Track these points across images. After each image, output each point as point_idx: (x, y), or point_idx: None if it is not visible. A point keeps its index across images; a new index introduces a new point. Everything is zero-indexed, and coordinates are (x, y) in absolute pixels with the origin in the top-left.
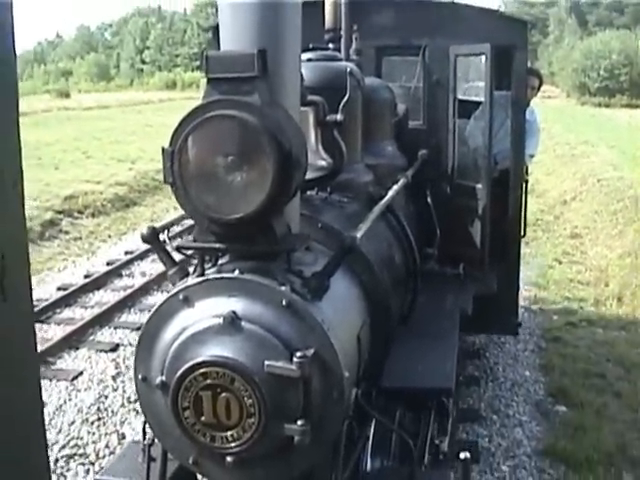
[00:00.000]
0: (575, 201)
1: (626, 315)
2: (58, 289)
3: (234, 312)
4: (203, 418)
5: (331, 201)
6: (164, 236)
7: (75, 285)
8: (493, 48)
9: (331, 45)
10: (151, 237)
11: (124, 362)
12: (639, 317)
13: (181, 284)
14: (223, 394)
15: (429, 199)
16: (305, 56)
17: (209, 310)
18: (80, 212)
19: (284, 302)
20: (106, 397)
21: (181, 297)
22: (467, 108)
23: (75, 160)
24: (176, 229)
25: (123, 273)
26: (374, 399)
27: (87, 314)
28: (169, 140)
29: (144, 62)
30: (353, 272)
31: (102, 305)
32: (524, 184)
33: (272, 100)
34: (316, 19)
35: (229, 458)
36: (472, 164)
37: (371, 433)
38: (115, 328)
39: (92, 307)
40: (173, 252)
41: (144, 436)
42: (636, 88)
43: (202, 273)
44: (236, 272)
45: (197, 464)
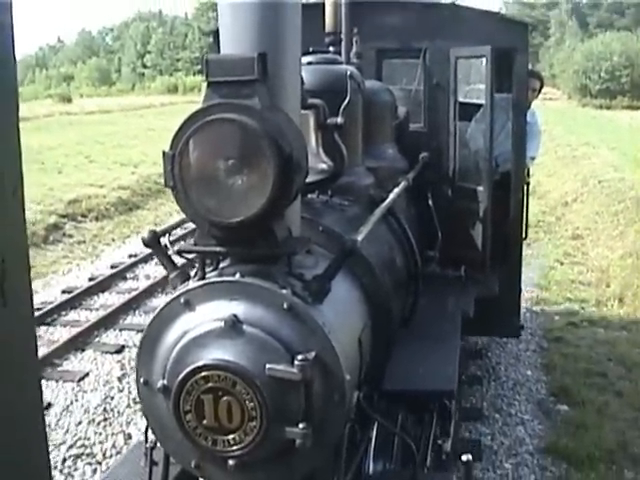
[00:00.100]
0: (576, 202)
1: (627, 315)
2: (63, 292)
3: (235, 315)
4: (205, 422)
5: (332, 204)
6: (165, 240)
7: (80, 288)
8: (494, 50)
9: (331, 48)
10: (152, 241)
11: (129, 363)
12: None
13: (182, 288)
14: (225, 397)
15: (430, 202)
16: (305, 59)
17: (210, 314)
18: (84, 216)
19: (285, 305)
20: (112, 398)
21: (182, 301)
22: (468, 110)
23: (78, 164)
24: (179, 232)
25: (127, 276)
26: (376, 402)
27: (92, 316)
28: (170, 144)
29: (145, 66)
30: (354, 275)
31: (107, 307)
32: (525, 186)
33: (272, 103)
34: (316, 22)
35: (231, 461)
36: (473, 166)
37: (373, 436)
38: (120, 330)
39: (97, 309)
40: (174, 256)
41: (146, 440)
42: (637, 90)
43: (203, 277)
44: (237, 275)
45: (199, 468)
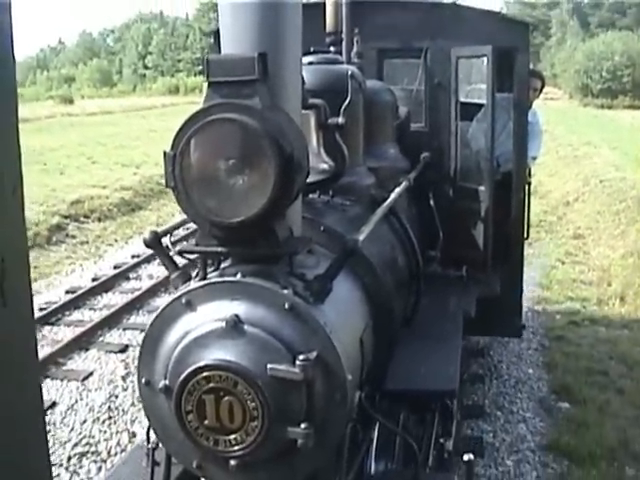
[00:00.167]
0: (578, 202)
1: (629, 314)
2: (67, 292)
3: (236, 316)
4: (206, 422)
5: (333, 204)
6: (167, 240)
7: (83, 288)
8: (495, 50)
9: (332, 48)
10: (153, 241)
11: (133, 362)
12: None
13: (183, 288)
14: (226, 398)
15: (432, 201)
16: (306, 59)
17: (212, 314)
18: (86, 216)
19: (286, 305)
20: (116, 396)
21: (184, 301)
22: (469, 110)
23: (80, 165)
24: (181, 232)
25: (130, 276)
26: (377, 402)
27: (96, 316)
28: (170, 144)
29: (147, 67)
30: (355, 275)
31: (110, 307)
32: (527, 186)
33: (273, 103)
34: (317, 22)
35: (232, 462)
36: (474, 166)
37: (375, 436)
38: (124, 329)
39: (101, 309)
40: (176, 256)
41: (148, 440)
42: (638, 89)
43: (204, 277)
44: (238, 275)
45: (201, 468)
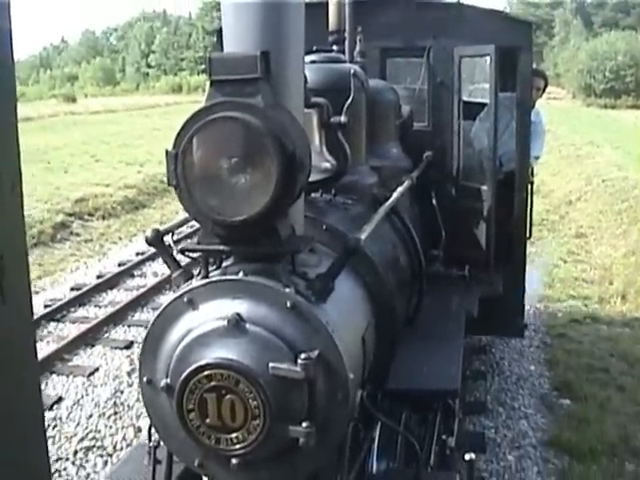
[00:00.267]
0: (580, 201)
1: (630, 312)
2: (72, 289)
3: (238, 314)
4: (208, 420)
5: (335, 203)
6: (169, 239)
7: (88, 285)
8: (498, 49)
9: (335, 47)
10: (155, 240)
11: (138, 358)
12: None
13: (185, 286)
14: (228, 396)
15: (434, 201)
16: (309, 58)
17: (213, 312)
18: (90, 214)
19: (288, 304)
20: (122, 392)
21: (185, 299)
22: (472, 109)
23: (84, 164)
24: (186, 230)
25: (135, 273)
26: (379, 401)
27: (101, 313)
28: (173, 142)
29: (150, 66)
30: (357, 274)
31: (115, 304)
32: (529, 186)
33: (276, 102)
34: (320, 21)
35: (234, 460)
36: (477, 166)
37: (377, 435)
38: (129, 326)
39: (106, 306)
40: (178, 254)
41: (150, 439)
42: None
43: (206, 275)
44: (240, 274)
45: (202, 466)
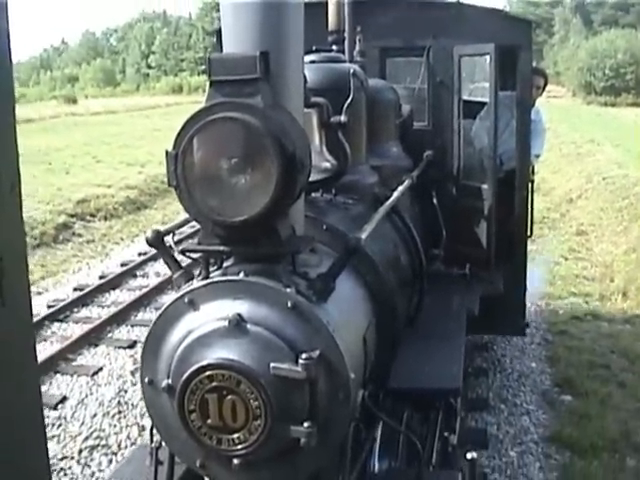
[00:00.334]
0: (581, 199)
1: (630, 309)
2: (74, 290)
3: (239, 315)
4: (209, 421)
5: (336, 203)
6: (170, 239)
7: (91, 285)
8: (498, 48)
9: (334, 47)
10: (156, 240)
11: None
12: None
13: (186, 287)
14: (229, 397)
15: (435, 200)
16: (308, 58)
17: (214, 313)
18: (92, 215)
19: (289, 304)
20: (126, 391)
21: (186, 300)
22: (472, 108)
23: (85, 165)
24: (186, 231)
25: (137, 274)
26: (381, 400)
27: (104, 313)
28: (173, 143)
29: (150, 67)
30: (358, 273)
31: (118, 304)
32: (530, 184)
33: (275, 102)
34: (319, 20)
35: (236, 461)
36: (478, 165)
37: (378, 435)
38: (132, 326)
39: (108, 306)
40: (179, 255)
41: (151, 439)
42: None
43: (207, 276)
44: (241, 274)
45: (204, 467)
